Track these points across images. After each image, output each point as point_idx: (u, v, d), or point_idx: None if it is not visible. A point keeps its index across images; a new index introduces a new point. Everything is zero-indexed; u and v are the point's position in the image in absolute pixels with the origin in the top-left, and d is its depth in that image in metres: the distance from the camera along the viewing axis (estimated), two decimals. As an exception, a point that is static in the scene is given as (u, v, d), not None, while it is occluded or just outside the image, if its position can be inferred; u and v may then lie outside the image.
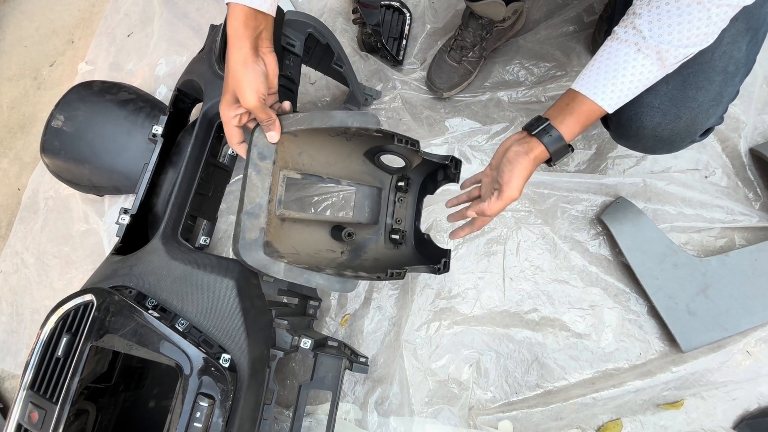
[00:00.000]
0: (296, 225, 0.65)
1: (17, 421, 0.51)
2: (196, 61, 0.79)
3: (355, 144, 0.66)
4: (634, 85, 0.49)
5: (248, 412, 0.58)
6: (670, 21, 0.45)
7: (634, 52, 0.47)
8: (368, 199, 0.71)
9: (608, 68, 0.49)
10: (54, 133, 1.06)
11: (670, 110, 0.54)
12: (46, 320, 0.53)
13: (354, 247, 0.71)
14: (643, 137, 0.58)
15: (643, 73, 0.48)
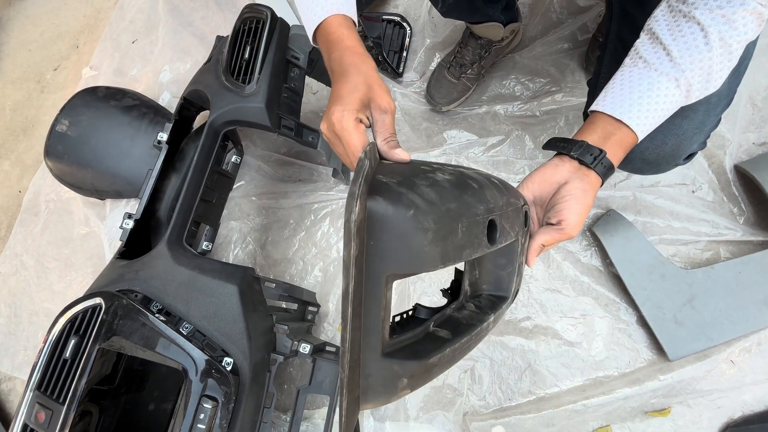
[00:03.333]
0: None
1: (23, 421, 0.52)
2: (203, 71, 0.81)
3: None
4: (664, 115, 0.48)
5: (249, 414, 0.59)
6: (701, 57, 0.45)
7: (674, 88, 0.47)
8: None
9: (650, 100, 0.47)
10: (58, 137, 1.08)
11: (656, 136, 0.56)
12: (55, 322, 0.55)
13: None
14: (631, 160, 0.60)
15: (673, 104, 0.48)
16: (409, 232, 0.30)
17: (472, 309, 0.44)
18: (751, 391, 0.75)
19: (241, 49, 0.75)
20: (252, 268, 0.66)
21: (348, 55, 0.46)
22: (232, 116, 0.72)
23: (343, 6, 0.48)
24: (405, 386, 0.34)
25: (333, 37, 0.47)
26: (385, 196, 0.29)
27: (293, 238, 1.04)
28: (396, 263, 0.31)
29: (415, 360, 0.34)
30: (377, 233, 0.29)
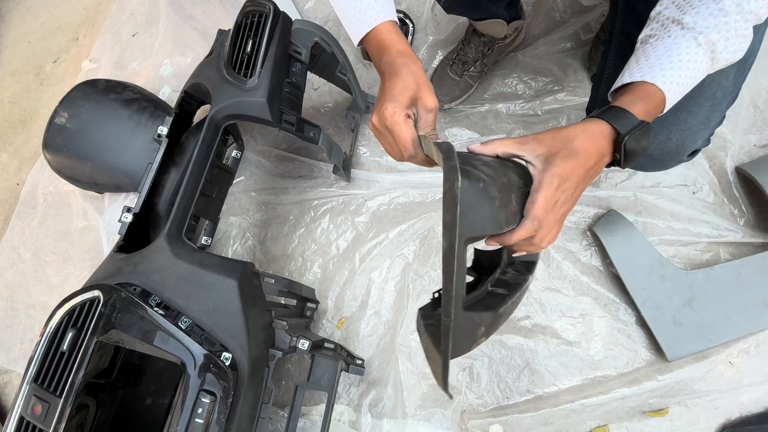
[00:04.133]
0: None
1: (20, 413, 0.52)
2: (205, 65, 0.81)
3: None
4: (692, 75, 0.45)
5: (247, 410, 0.59)
6: (716, 21, 0.43)
7: (695, 47, 0.44)
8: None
9: (671, 60, 0.44)
10: (57, 130, 1.07)
11: (661, 131, 0.57)
12: (52, 315, 0.54)
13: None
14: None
15: (698, 63, 0.44)
16: (482, 201, 0.37)
17: (513, 272, 0.49)
18: (749, 393, 0.75)
19: (243, 43, 0.75)
20: (251, 263, 0.65)
21: (399, 57, 0.50)
22: (233, 110, 0.72)
23: (389, 13, 0.53)
24: (482, 334, 0.42)
25: (385, 43, 0.52)
26: (462, 173, 0.35)
27: (293, 234, 1.03)
28: (472, 227, 0.37)
29: (488, 311, 0.41)
30: (459, 202, 0.35)
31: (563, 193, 0.43)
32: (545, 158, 0.43)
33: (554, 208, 0.43)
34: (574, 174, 0.43)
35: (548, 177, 0.42)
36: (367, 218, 1.00)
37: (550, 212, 0.42)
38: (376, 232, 0.98)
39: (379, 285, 0.95)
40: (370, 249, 0.97)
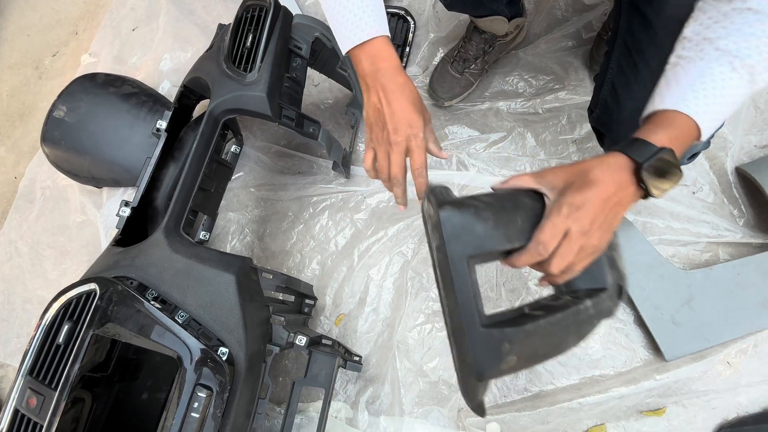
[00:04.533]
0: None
1: (14, 406, 0.51)
2: (205, 59, 0.81)
3: None
4: (728, 101, 0.42)
5: (244, 405, 0.59)
6: (758, 42, 0.41)
7: (729, 71, 0.42)
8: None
9: (704, 86, 0.42)
10: (55, 123, 1.07)
11: None
12: (48, 307, 0.54)
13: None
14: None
15: (735, 87, 0.42)
16: (473, 223, 0.42)
17: (567, 299, 0.48)
18: (746, 393, 0.75)
19: (243, 37, 0.74)
20: (249, 258, 0.65)
21: (401, 74, 0.54)
22: (232, 104, 0.71)
23: (385, 28, 0.54)
24: (509, 350, 0.42)
25: (383, 55, 0.54)
26: (454, 205, 0.43)
27: (291, 230, 1.03)
28: (471, 247, 0.42)
29: (511, 327, 0.42)
30: (455, 228, 0.41)
31: (576, 222, 0.42)
32: (560, 190, 0.44)
33: (569, 237, 0.42)
34: (588, 204, 0.42)
35: (557, 205, 0.43)
36: (366, 215, 1.00)
37: (564, 240, 0.42)
38: (375, 229, 0.98)
39: (377, 282, 0.94)
40: (368, 246, 0.97)
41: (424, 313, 0.90)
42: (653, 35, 0.55)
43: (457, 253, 0.42)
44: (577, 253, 0.44)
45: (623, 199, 0.43)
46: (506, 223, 0.44)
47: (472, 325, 0.41)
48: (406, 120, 0.52)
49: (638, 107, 0.54)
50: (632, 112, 0.57)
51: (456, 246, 0.42)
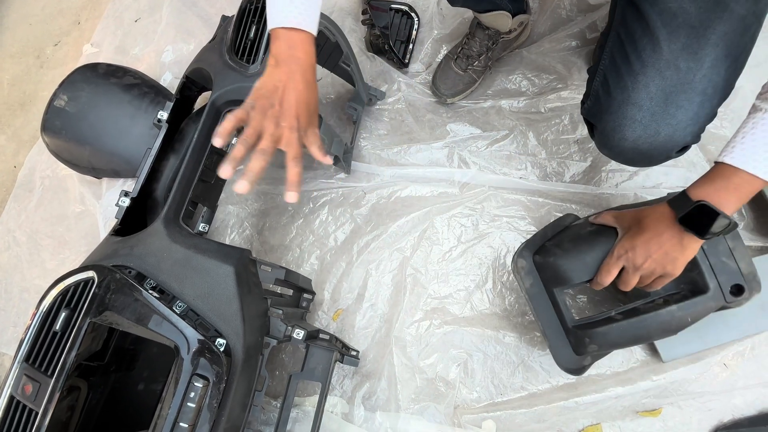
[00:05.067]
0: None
1: (10, 392, 0.51)
2: (207, 50, 0.80)
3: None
4: None
5: (240, 397, 0.59)
6: None
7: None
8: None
9: (757, 138, 0.49)
10: (56, 113, 1.06)
11: (650, 125, 0.57)
12: (46, 294, 0.54)
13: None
14: (624, 149, 0.61)
15: None
16: (552, 266, 0.71)
17: (659, 303, 0.66)
18: (742, 395, 0.75)
19: (247, 29, 0.74)
20: (248, 250, 0.65)
21: (311, 73, 0.58)
22: (234, 95, 0.71)
23: (313, 28, 0.58)
24: (590, 342, 0.67)
25: (305, 47, 0.57)
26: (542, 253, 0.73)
27: (291, 224, 1.03)
28: (556, 282, 0.71)
29: (590, 327, 0.68)
30: (543, 270, 0.72)
31: (628, 262, 0.61)
32: (624, 231, 0.64)
33: (626, 272, 0.62)
34: (638, 245, 0.60)
35: (618, 245, 0.63)
36: (366, 211, 1.00)
37: (623, 274, 0.62)
38: (374, 225, 0.97)
39: (376, 278, 0.94)
40: (368, 242, 0.97)
41: (422, 309, 0.90)
42: (646, 27, 0.56)
43: (548, 287, 0.72)
44: (640, 280, 0.61)
45: (671, 239, 0.57)
46: (579, 262, 0.67)
47: (567, 326, 0.70)
48: (296, 113, 0.55)
49: (627, 98, 0.57)
50: (621, 103, 0.58)
51: (548, 284, 0.72)
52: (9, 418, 0.50)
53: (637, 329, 0.65)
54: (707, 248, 0.64)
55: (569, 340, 0.70)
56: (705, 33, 0.53)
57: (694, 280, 0.65)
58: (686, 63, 0.54)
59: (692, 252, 0.58)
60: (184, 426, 0.49)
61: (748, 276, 0.64)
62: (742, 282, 0.64)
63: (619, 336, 0.66)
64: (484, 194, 0.94)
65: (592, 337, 0.67)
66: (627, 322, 0.65)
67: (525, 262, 0.73)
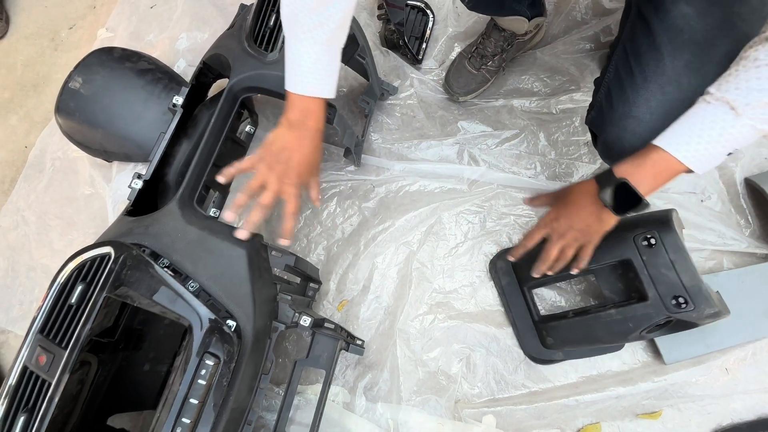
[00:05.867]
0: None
1: (23, 363, 0.52)
2: (226, 36, 0.81)
3: None
4: (706, 134, 0.49)
5: (247, 379, 0.59)
6: (738, 83, 0.47)
7: (705, 104, 0.49)
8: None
9: (681, 121, 0.51)
10: (70, 95, 1.07)
11: (649, 140, 0.55)
12: (62, 268, 0.55)
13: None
14: (611, 148, 0.63)
15: (712, 118, 0.48)
16: (526, 267, 0.79)
17: (606, 306, 0.74)
18: (742, 400, 0.76)
19: (266, 17, 0.75)
20: (261, 235, 0.66)
21: (318, 139, 0.66)
22: (252, 82, 0.72)
23: (330, 91, 0.62)
24: (547, 335, 0.80)
25: (315, 115, 0.63)
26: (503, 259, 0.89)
27: (299, 215, 1.03)
28: (527, 280, 0.84)
29: (549, 321, 0.80)
30: (517, 270, 0.87)
31: (553, 228, 0.67)
32: (552, 204, 0.71)
33: (551, 239, 0.68)
34: (562, 216, 0.66)
35: (546, 215, 0.70)
36: (374, 204, 1.00)
37: (549, 244, 0.68)
38: (382, 219, 0.98)
39: (382, 271, 0.95)
40: (375, 234, 0.97)
41: (427, 303, 0.91)
42: (652, 42, 0.56)
43: (511, 288, 0.86)
44: (562, 252, 0.67)
45: (591, 214, 0.62)
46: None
47: (530, 323, 0.83)
48: (299, 173, 0.64)
49: (628, 112, 0.57)
50: (622, 115, 0.59)
51: (511, 284, 0.86)
52: (22, 387, 0.51)
53: (584, 327, 0.74)
54: (647, 259, 0.68)
55: (537, 333, 0.82)
56: (709, 50, 0.53)
57: (637, 288, 0.70)
58: (688, 80, 0.54)
59: (609, 226, 0.63)
60: (194, 402, 0.50)
61: (692, 289, 0.65)
62: (685, 294, 0.65)
63: (569, 331, 0.77)
64: (493, 192, 0.95)
65: (549, 330, 0.79)
66: (576, 319, 0.76)
67: (504, 263, 0.86)
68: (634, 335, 0.71)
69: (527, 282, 0.83)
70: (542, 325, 0.81)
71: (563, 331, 0.78)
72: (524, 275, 0.84)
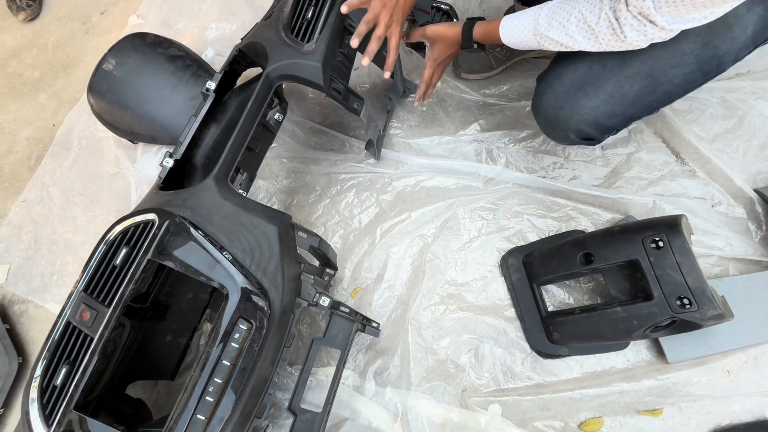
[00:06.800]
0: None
1: (67, 318, 0.55)
2: (263, 26, 0.84)
3: None
4: (518, 29, 0.68)
5: (272, 350, 0.62)
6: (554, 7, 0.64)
7: (533, 14, 0.66)
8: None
9: (520, 13, 0.68)
10: (104, 76, 1.11)
11: (559, 100, 0.71)
12: (109, 231, 0.58)
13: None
14: (539, 113, 0.77)
15: (526, 24, 0.66)
16: (535, 265, 0.89)
17: (613, 304, 0.76)
18: (741, 402, 0.78)
19: (304, 9, 0.78)
20: (289, 215, 0.69)
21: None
22: (288, 70, 0.75)
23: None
24: (554, 330, 0.83)
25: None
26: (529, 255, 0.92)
27: (318, 203, 1.07)
28: (536, 277, 0.88)
29: (556, 317, 0.84)
30: (527, 268, 0.91)
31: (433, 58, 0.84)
32: (432, 43, 0.84)
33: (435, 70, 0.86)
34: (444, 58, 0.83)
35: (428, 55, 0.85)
36: (391, 197, 1.03)
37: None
38: (399, 211, 1.01)
39: (396, 261, 0.98)
40: (391, 226, 1.01)
41: (439, 294, 0.93)
42: None
43: (521, 284, 0.89)
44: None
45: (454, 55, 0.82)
46: (550, 263, 0.85)
47: (538, 317, 0.86)
48: (405, 12, 0.73)
49: (559, 73, 0.72)
50: (553, 75, 0.74)
51: (521, 279, 0.89)
52: (65, 341, 0.54)
53: (590, 323, 0.78)
54: (654, 260, 0.72)
55: (544, 328, 0.85)
56: (644, 48, 0.60)
57: (643, 288, 0.74)
58: (612, 63, 0.65)
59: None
60: (226, 363, 0.53)
61: (696, 290, 0.68)
62: (689, 295, 0.68)
63: (575, 327, 0.80)
64: (508, 190, 0.98)
65: (555, 325, 0.83)
66: (583, 315, 0.79)
67: (515, 260, 0.90)
68: (638, 333, 0.74)
69: (537, 279, 0.86)
70: (549, 321, 0.84)
71: (570, 326, 0.81)
72: (534, 272, 0.87)
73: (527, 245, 0.93)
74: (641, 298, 0.74)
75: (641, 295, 0.74)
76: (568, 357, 0.85)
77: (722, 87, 0.96)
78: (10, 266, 1.16)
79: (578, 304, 0.88)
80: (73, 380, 0.52)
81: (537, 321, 0.86)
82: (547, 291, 0.90)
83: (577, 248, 0.80)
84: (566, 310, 0.84)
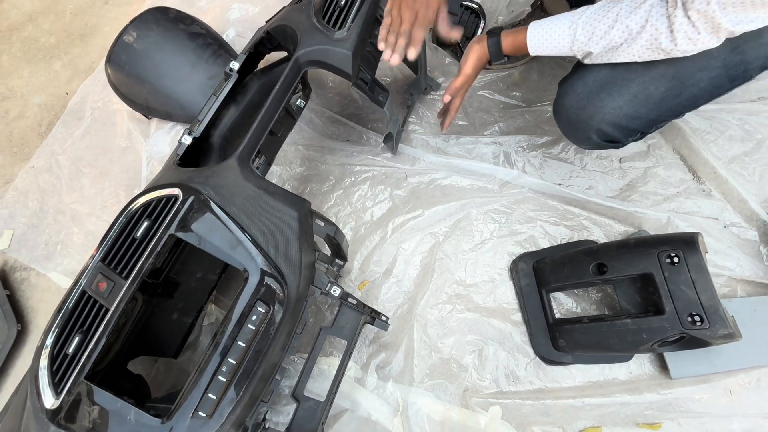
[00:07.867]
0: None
1: (83, 288, 0.54)
2: (294, 10, 0.83)
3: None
4: (551, 41, 0.65)
5: (284, 335, 0.62)
6: (591, 18, 0.62)
7: (567, 28, 0.64)
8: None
9: (550, 23, 0.66)
10: (123, 47, 1.10)
11: (582, 100, 0.70)
12: (131, 202, 0.57)
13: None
14: (560, 113, 0.75)
15: (559, 37, 0.64)
16: (545, 272, 0.89)
17: (623, 316, 0.77)
18: (740, 422, 0.79)
19: (337, -4, 0.77)
20: (309, 201, 0.68)
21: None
22: (317, 56, 0.74)
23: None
24: (560, 337, 0.84)
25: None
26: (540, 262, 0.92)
27: (331, 193, 1.06)
28: (545, 283, 0.87)
29: (563, 324, 0.84)
30: (537, 274, 0.90)
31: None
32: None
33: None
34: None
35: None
36: (405, 192, 1.03)
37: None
38: (412, 207, 1.01)
39: (406, 257, 0.98)
40: (403, 222, 1.00)
41: (447, 293, 0.93)
42: None
43: (529, 290, 0.89)
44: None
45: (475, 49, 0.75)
46: (560, 271, 0.84)
47: (544, 324, 0.87)
48: (437, 7, 0.71)
49: (581, 75, 0.71)
50: (576, 77, 0.73)
51: (530, 285, 0.89)
52: (79, 310, 0.53)
53: (598, 333, 0.78)
54: (668, 275, 0.72)
55: (550, 334, 0.85)
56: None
57: (654, 302, 0.74)
58: (637, 65, 0.63)
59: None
60: (241, 345, 0.53)
61: (709, 309, 0.69)
62: (701, 313, 0.69)
63: (582, 336, 0.80)
64: (523, 195, 0.98)
65: (562, 332, 0.83)
66: (591, 325, 0.79)
67: (525, 265, 0.90)
68: (646, 347, 0.74)
69: (546, 285, 0.87)
70: (556, 328, 0.84)
71: (577, 334, 0.81)
72: (544, 279, 0.87)
73: (538, 251, 0.93)
74: (652, 312, 0.74)
75: (652, 309, 0.75)
76: (572, 365, 0.86)
77: (743, 110, 0.96)
78: (14, 232, 1.15)
79: (585, 314, 0.88)
80: (86, 350, 0.51)
81: (543, 327, 0.86)
82: (555, 298, 0.90)
83: (590, 258, 0.80)
84: (574, 319, 0.85)
